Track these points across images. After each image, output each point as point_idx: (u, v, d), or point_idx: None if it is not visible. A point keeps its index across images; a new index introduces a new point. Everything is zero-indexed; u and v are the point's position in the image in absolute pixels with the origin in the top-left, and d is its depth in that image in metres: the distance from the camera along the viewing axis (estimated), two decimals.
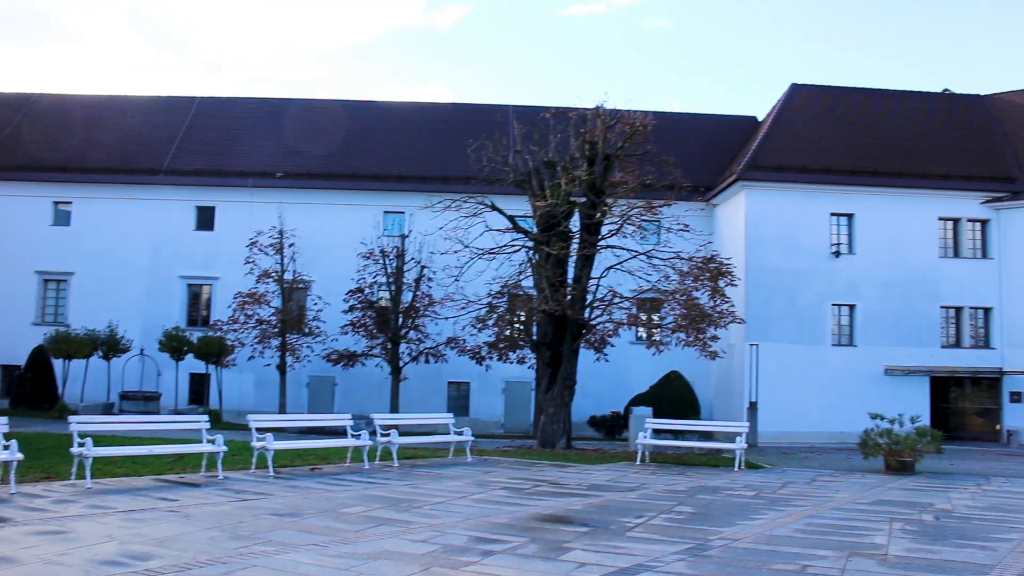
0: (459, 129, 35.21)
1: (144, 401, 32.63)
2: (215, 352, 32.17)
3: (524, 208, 26.25)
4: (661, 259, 23.70)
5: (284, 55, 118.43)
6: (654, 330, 27.67)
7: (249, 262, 31.77)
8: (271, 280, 31.93)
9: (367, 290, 32.11)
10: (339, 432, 20.29)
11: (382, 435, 18.96)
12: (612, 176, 24.11)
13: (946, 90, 39.60)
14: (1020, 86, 38.99)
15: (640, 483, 16.79)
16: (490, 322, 25.95)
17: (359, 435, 18.22)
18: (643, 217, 23.59)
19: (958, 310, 33.40)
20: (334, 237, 34.79)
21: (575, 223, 24.73)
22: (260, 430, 16.64)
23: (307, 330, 32.32)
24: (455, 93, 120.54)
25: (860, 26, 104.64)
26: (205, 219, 36.35)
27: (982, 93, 39.04)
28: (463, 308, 25.52)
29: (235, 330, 31.64)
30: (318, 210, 35.45)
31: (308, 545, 9.46)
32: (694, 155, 36.92)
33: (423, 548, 9.54)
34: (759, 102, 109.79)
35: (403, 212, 35.20)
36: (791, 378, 31.30)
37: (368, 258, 31.95)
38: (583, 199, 24.05)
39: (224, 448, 15.40)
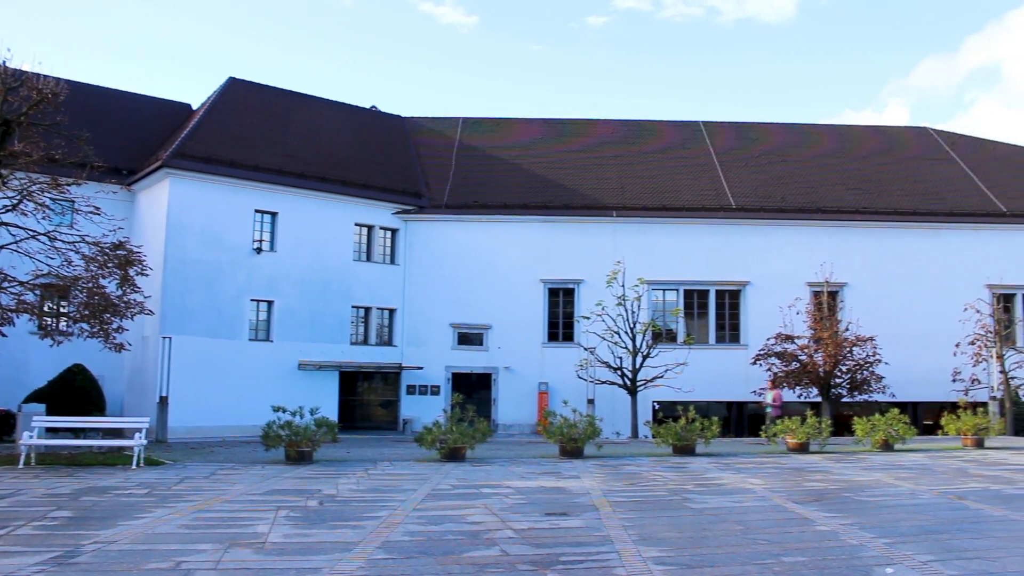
0: None
1: None
2: None
3: None
4: (65, 242, 21.74)
5: None
6: (57, 319, 25.36)
7: None
8: None
9: None
10: None
11: None
12: (12, 145, 21.50)
13: (373, 107, 42.67)
14: (434, 114, 43.57)
15: (16, 489, 15.17)
16: None
17: None
18: (47, 194, 21.46)
19: (367, 310, 36.03)
20: None
21: None
22: None
23: None
24: None
25: (303, 32, 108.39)
26: None
27: (403, 115, 42.83)
28: None
29: None
30: None
31: None
32: (123, 136, 34.77)
33: None
34: (201, 92, 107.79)
35: None
36: (208, 372, 30.94)
37: None
38: None
39: None
